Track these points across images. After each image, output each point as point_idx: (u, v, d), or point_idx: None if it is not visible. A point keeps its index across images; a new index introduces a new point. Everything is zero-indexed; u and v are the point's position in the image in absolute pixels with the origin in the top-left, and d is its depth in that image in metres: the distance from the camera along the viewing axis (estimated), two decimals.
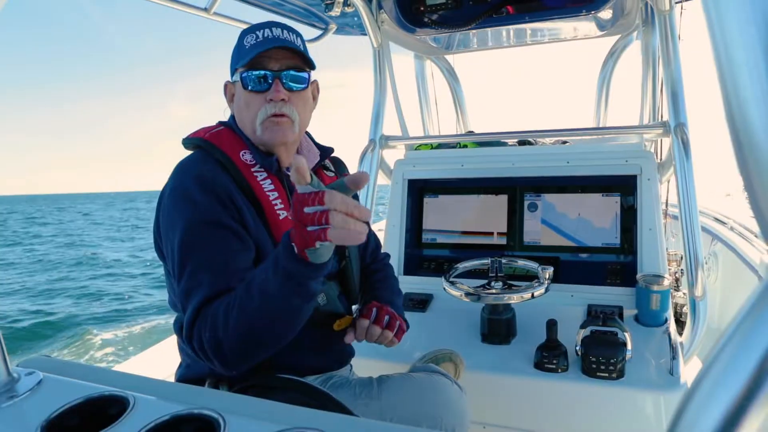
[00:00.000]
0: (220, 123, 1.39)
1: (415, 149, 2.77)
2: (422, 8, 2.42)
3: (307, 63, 1.31)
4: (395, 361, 1.84)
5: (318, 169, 1.46)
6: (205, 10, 2.12)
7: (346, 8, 2.45)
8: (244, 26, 2.41)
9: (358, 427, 0.74)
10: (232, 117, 1.37)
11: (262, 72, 1.26)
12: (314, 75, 1.37)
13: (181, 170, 1.24)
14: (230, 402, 0.78)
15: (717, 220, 3.90)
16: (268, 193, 1.26)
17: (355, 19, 2.64)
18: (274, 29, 1.27)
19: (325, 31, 2.80)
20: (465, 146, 2.70)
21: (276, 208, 1.26)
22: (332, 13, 2.44)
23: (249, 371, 1.26)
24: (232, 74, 1.32)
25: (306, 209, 0.90)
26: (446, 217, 2.46)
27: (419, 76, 3.57)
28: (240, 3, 2.33)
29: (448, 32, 2.50)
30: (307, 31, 2.76)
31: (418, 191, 2.54)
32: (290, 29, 1.30)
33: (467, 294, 1.84)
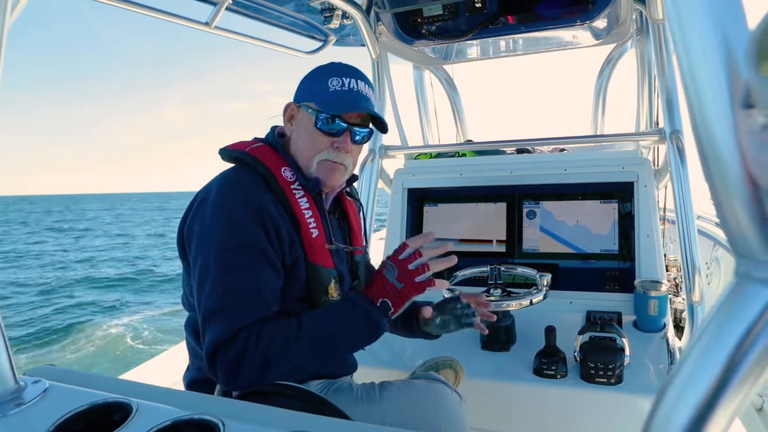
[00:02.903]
0: (257, 139, 1.41)
1: (415, 158, 2.79)
2: (419, 20, 2.45)
3: (377, 125, 1.41)
4: (396, 368, 1.86)
5: (341, 194, 1.50)
6: (207, 24, 2.16)
7: (344, 21, 2.48)
8: (245, 40, 2.46)
9: (356, 431, 0.76)
10: (272, 135, 1.41)
11: (339, 122, 1.32)
12: None
13: (229, 188, 1.25)
14: (230, 407, 0.80)
15: (718, 225, 3.90)
16: (304, 210, 1.30)
17: (354, 31, 2.67)
18: (359, 82, 1.33)
19: (325, 42, 2.84)
20: (464, 155, 2.72)
21: (310, 226, 1.30)
22: (331, 26, 2.48)
23: None
24: (300, 99, 1.36)
25: (410, 266, 1.25)
26: (446, 226, 2.48)
27: (418, 86, 3.60)
28: (240, 17, 2.37)
29: (446, 43, 2.53)
30: (307, 44, 2.80)
31: (418, 200, 2.56)
32: (370, 83, 1.38)
33: None
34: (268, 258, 1.20)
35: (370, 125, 1.40)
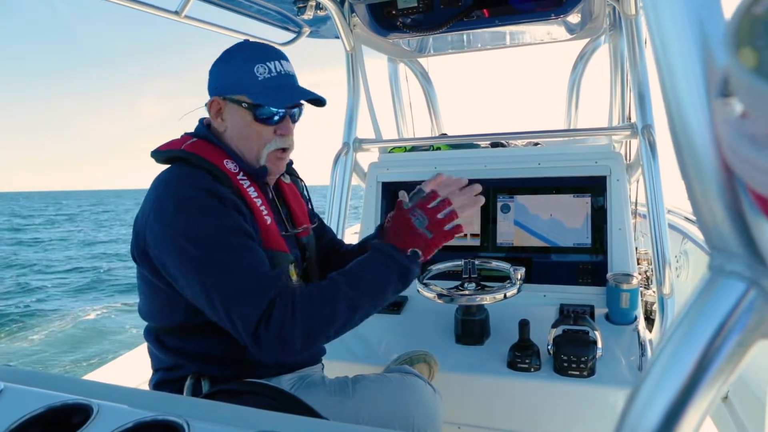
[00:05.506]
0: (188, 135, 1.35)
1: (389, 152, 2.78)
2: (394, 12, 2.43)
3: (314, 102, 1.38)
4: (369, 363, 1.85)
5: (278, 179, 1.50)
6: (176, 13, 2.10)
7: (318, 12, 2.44)
8: (216, 30, 2.41)
9: (326, 430, 0.74)
10: (203, 128, 1.35)
11: (277, 111, 1.30)
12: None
13: (178, 185, 1.19)
14: (195, 407, 0.77)
15: (687, 219, 3.98)
16: (254, 199, 1.29)
17: (328, 22, 2.64)
18: (283, 63, 1.30)
19: (299, 34, 2.79)
20: (438, 149, 2.72)
21: (263, 213, 1.29)
22: (305, 17, 2.43)
23: (220, 375, 1.26)
24: (226, 92, 1.30)
25: (439, 215, 1.29)
26: None
27: (393, 79, 3.58)
28: (211, 6, 2.31)
29: (420, 36, 2.52)
30: (281, 35, 2.76)
31: (392, 194, 2.55)
32: (288, 59, 1.35)
33: (441, 296, 1.85)
34: (251, 235, 1.19)
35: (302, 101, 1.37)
